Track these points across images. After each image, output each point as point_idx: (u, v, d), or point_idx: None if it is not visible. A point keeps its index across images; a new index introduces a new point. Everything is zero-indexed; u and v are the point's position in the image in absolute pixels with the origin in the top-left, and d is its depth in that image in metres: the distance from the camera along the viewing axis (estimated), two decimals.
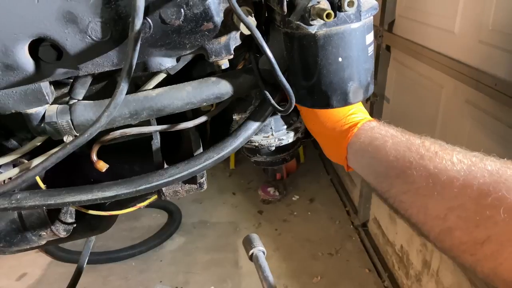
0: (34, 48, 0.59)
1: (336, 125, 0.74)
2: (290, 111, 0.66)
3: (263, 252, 1.08)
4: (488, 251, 0.51)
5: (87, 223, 1.15)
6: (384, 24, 2.47)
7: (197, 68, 0.84)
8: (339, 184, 3.82)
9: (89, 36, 0.57)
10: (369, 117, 0.75)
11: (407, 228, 2.47)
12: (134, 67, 0.57)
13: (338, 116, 0.74)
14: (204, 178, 0.82)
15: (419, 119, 2.29)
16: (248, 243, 1.09)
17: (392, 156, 0.64)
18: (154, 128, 0.79)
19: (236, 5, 0.55)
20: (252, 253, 1.08)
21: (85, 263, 1.80)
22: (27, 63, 0.59)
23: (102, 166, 0.81)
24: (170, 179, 0.71)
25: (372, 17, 0.62)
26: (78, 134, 0.70)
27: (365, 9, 0.59)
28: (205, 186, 0.82)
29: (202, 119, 0.78)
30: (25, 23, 0.55)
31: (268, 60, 0.59)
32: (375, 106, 2.71)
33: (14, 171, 0.74)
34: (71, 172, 1.11)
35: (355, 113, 0.74)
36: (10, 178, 0.80)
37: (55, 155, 0.62)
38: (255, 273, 1.10)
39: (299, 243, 3.23)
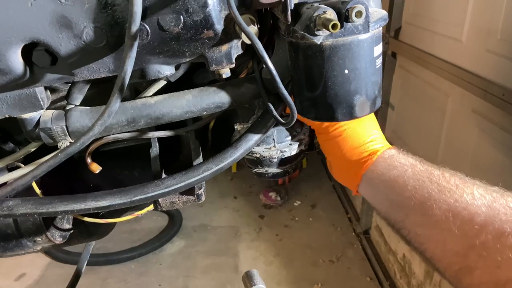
0: (28, 52, 0.57)
1: (355, 151, 0.71)
2: (292, 124, 0.63)
3: None
4: None
5: (85, 229, 1.12)
6: (391, 31, 2.44)
7: (199, 75, 0.82)
8: (341, 190, 3.79)
9: (84, 42, 0.55)
10: (388, 145, 0.72)
11: None
12: (130, 74, 0.54)
13: (358, 142, 0.71)
14: (202, 189, 0.80)
15: (424, 128, 2.26)
16: (248, 280, 1.05)
17: (410, 186, 0.62)
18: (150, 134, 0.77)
19: (237, 13, 0.52)
20: None
21: (84, 267, 1.77)
22: (20, 68, 0.57)
23: (95, 168, 0.79)
24: (166, 190, 0.68)
25: (381, 28, 0.59)
26: (73, 141, 0.67)
27: (373, 20, 0.56)
28: (203, 198, 0.80)
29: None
30: (17, 26, 0.53)
31: (268, 71, 0.56)
32: (379, 113, 2.68)
33: (6, 178, 0.72)
34: (69, 177, 1.09)
35: (374, 140, 0.71)
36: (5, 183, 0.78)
37: (46, 163, 0.60)
38: None
39: (300, 249, 3.20)
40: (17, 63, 0.56)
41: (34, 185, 0.83)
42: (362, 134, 0.72)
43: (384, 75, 2.74)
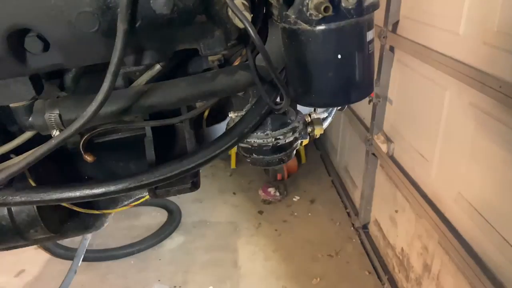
0: (20, 39, 0.57)
1: None
2: (285, 109, 0.63)
3: None
4: None
5: (80, 220, 1.13)
6: (388, 25, 2.43)
7: (193, 64, 0.81)
8: (340, 185, 3.79)
9: (76, 27, 0.55)
10: None
11: (408, 231, 2.44)
12: (122, 60, 0.54)
13: None
14: (198, 177, 0.80)
15: (422, 121, 2.26)
16: None
17: None
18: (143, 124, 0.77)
19: None
20: None
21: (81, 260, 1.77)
22: (11, 55, 0.57)
23: (90, 158, 0.80)
24: (161, 177, 0.68)
25: (373, 13, 0.59)
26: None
27: (366, 4, 0.56)
28: (198, 186, 0.80)
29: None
30: (7, 13, 0.53)
31: (263, 56, 0.56)
32: (378, 107, 2.67)
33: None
34: (65, 171, 1.08)
35: None
36: None
37: (39, 150, 0.60)
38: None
39: (299, 244, 3.20)
40: (7, 50, 0.56)
41: (27, 173, 0.82)
42: None
43: (382, 69, 2.72)
